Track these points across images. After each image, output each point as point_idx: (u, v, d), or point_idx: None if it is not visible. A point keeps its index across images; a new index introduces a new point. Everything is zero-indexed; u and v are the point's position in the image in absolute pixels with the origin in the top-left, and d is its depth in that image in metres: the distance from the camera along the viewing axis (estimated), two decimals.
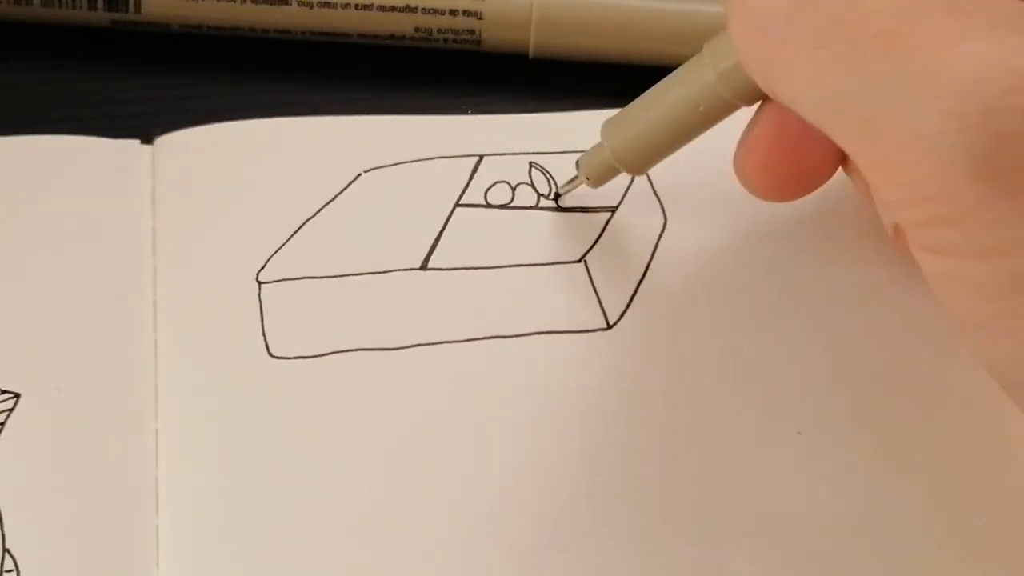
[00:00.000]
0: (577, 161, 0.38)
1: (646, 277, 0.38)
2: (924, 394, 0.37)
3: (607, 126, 0.37)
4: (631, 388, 0.37)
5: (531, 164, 0.40)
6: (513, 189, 0.39)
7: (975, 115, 0.28)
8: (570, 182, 0.39)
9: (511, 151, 0.40)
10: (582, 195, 0.39)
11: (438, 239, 0.39)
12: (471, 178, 0.40)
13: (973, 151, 0.28)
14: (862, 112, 0.30)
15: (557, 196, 0.39)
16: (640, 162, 0.37)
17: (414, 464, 0.36)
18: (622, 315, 0.38)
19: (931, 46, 0.29)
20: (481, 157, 0.40)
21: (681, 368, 0.37)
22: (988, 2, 0.29)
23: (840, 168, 0.35)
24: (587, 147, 0.38)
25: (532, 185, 0.40)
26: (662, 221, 0.39)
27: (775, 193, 0.36)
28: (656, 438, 0.36)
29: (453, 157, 0.40)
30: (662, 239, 0.39)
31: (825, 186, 0.36)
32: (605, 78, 0.43)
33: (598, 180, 0.38)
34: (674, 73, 0.36)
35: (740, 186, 0.36)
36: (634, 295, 0.38)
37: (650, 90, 0.36)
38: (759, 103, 0.35)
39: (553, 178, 0.40)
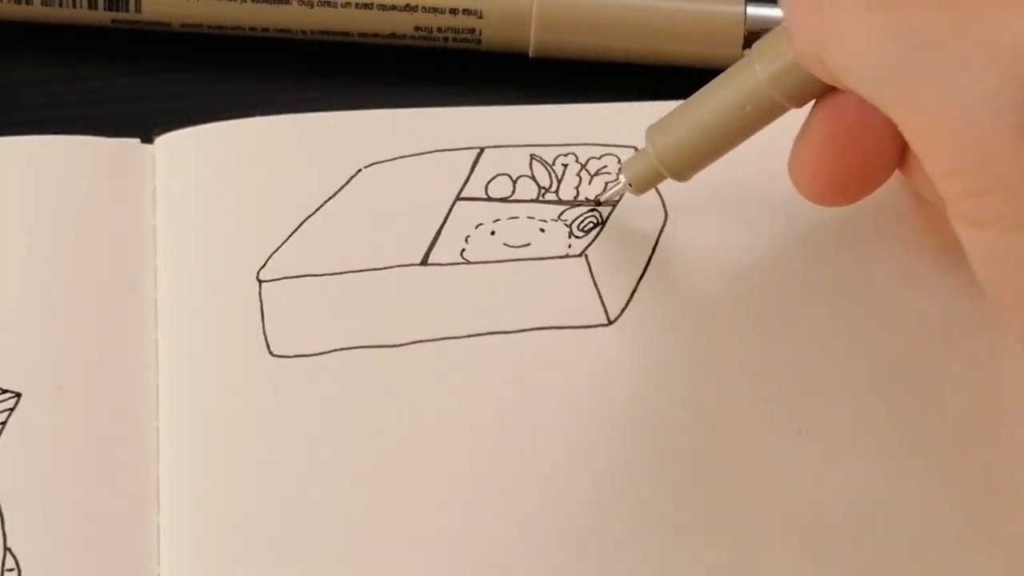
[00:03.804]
0: (620, 167, 0.37)
1: (647, 272, 0.38)
2: (926, 392, 0.37)
3: (652, 130, 0.36)
4: (631, 384, 0.37)
5: (532, 156, 0.40)
6: (514, 182, 0.39)
7: None
8: (612, 189, 0.38)
9: (512, 143, 0.40)
10: (583, 189, 0.39)
11: (438, 234, 0.39)
12: (472, 171, 0.40)
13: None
14: (914, 76, 0.29)
15: (598, 203, 0.39)
16: (686, 166, 0.36)
17: (415, 461, 0.36)
18: (623, 311, 0.38)
19: (988, 9, 0.28)
20: (482, 149, 0.40)
21: (681, 364, 0.37)
22: None
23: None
24: (588, 138, 0.38)
25: (533, 177, 0.40)
26: (663, 216, 0.39)
27: (831, 195, 0.35)
28: (656, 434, 0.36)
29: (453, 150, 0.40)
30: (663, 234, 0.39)
31: None
32: (606, 77, 0.43)
33: (642, 187, 0.37)
34: (721, 75, 0.35)
35: (741, 181, 0.36)
36: (635, 291, 0.38)
37: (696, 93, 0.36)
38: (809, 104, 0.34)
39: (553, 170, 0.40)
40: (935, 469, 0.36)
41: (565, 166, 0.40)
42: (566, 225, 0.39)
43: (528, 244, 0.39)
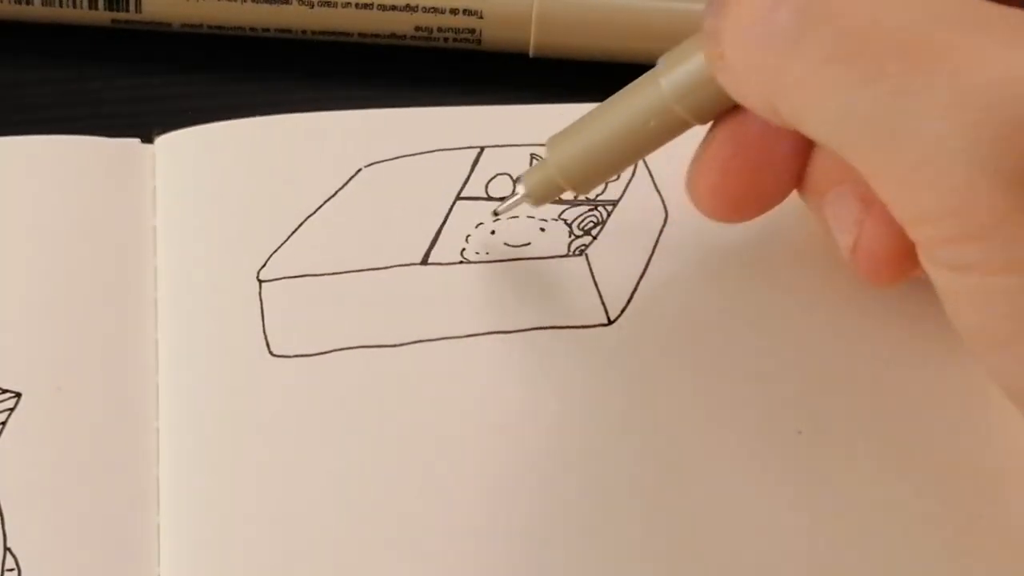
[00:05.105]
0: (518, 177, 0.37)
1: (647, 272, 0.38)
2: (924, 394, 0.37)
3: (553, 141, 0.36)
4: (631, 383, 0.37)
5: (532, 156, 0.40)
6: (514, 181, 0.39)
7: (1005, 127, 0.28)
8: (509, 200, 0.37)
9: (512, 142, 0.40)
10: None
11: (439, 234, 0.39)
12: (472, 170, 0.40)
13: (1003, 163, 0.28)
14: (881, 126, 0.29)
15: (495, 216, 0.38)
16: (586, 180, 0.36)
17: (415, 462, 0.36)
18: (623, 310, 0.38)
19: (956, 58, 0.28)
20: (482, 149, 0.40)
21: (681, 364, 0.37)
22: (1008, 16, 0.29)
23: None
24: None
25: None
26: (663, 216, 0.39)
27: (727, 213, 0.36)
28: (655, 433, 0.36)
29: (454, 149, 0.40)
30: (663, 234, 0.39)
31: None
32: (605, 78, 0.43)
33: (540, 199, 0.37)
34: (625, 88, 0.35)
35: None
36: (635, 290, 0.38)
37: (600, 104, 0.35)
38: (712, 122, 0.34)
39: None
40: (933, 471, 0.36)
41: None
42: (566, 224, 0.39)
43: (528, 244, 0.39)
